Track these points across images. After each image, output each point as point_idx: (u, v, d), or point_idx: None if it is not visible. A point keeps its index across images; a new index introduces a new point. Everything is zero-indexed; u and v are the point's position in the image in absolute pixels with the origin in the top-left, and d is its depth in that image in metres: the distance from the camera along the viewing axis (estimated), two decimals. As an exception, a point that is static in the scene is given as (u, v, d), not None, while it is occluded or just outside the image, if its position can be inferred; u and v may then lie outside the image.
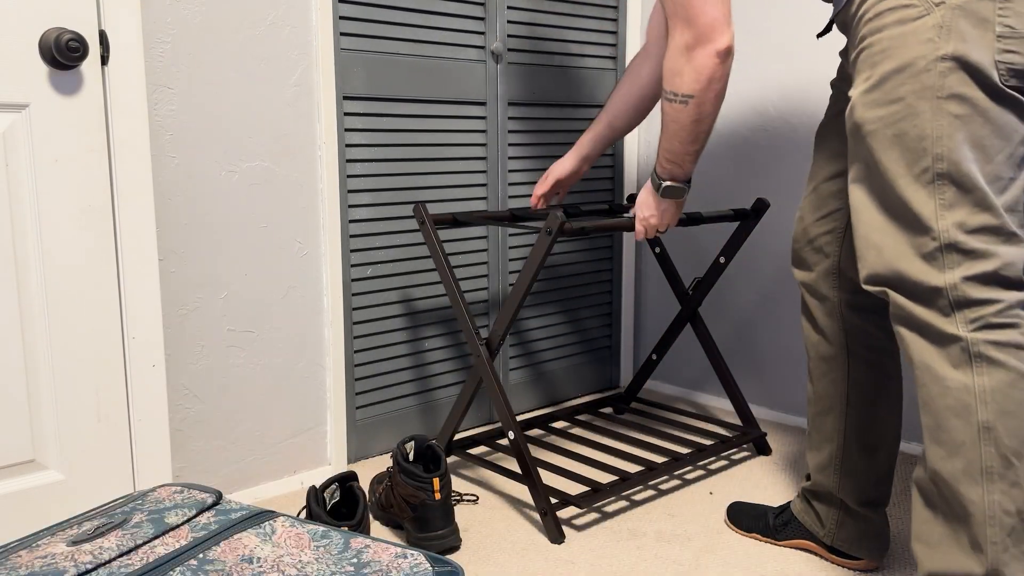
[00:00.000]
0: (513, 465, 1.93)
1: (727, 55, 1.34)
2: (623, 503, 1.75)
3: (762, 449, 2.01)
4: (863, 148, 1.16)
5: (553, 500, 1.67)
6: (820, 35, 1.43)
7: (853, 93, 1.17)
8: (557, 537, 1.58)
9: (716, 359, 2.07)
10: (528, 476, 1.63)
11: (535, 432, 2.14)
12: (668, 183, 1.52)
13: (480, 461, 1.82)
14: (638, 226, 1.62)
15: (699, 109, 1.38)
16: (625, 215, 1.93)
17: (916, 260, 1.11)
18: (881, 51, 1.12)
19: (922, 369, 1.11)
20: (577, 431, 2.17)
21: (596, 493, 1.66)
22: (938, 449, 1.10)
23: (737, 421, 2.24)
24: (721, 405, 2.38)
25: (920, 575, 1.14)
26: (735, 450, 2.01)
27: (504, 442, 1.97)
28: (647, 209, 1.59)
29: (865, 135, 1.15)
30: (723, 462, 1.96)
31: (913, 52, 1.09)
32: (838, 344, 1.42)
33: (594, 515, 1.70)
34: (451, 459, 1.98)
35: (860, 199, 1.18)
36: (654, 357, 2.20)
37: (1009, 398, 1.05)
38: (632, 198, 2.12)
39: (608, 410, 2.33)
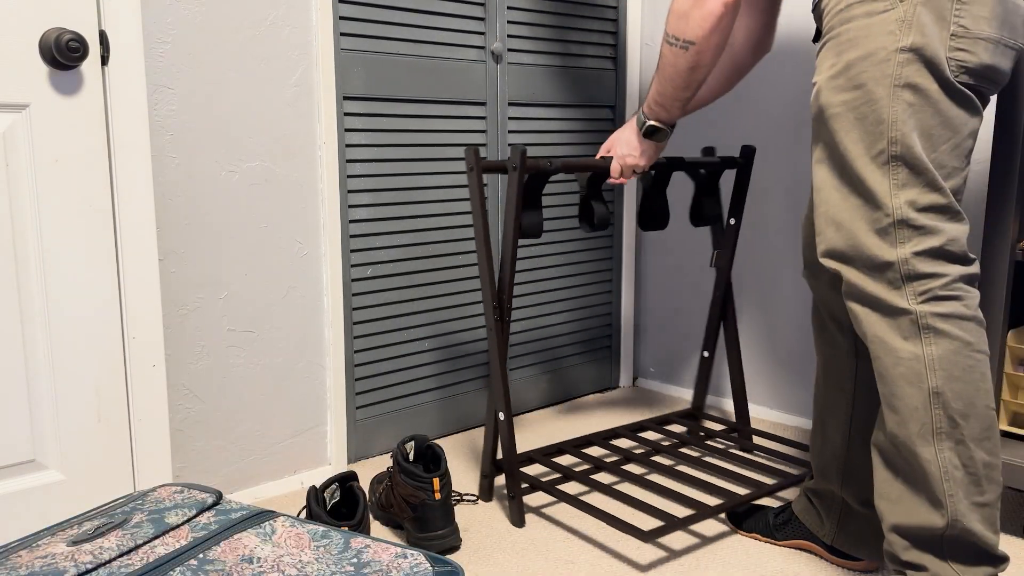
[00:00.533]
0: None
1: (735, 7, 1.38)
2: (623, 505, 1.75)
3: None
4: (826, 130, 1.24)
5: (524, 485, 1.70)
6: (815, 40, 1.43)
7: (819, 79, 1.24)
8: (518, 521, 1.64)
9: (734, 355, 2.04)
10: (506, 457, 1.66)
11: (596, 451, 2.01)
12: (652, 123, 1.55)
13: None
14: (615, 164, 1.63)
15: (698, 57, 1.41)
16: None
17: (871, 235, 1.19)
18: (848, 40, 1.20)
19: (876, 342, 1.20)
20: (659, 459, 1.98)
21: (568, 480, 1.73)
22: (894, 415, 1.19)
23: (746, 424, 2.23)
24: (720, 404, 2.38)
25: (885, 527, 1.23)
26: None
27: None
28: (626, 147, 1.61)
29: (828, 118, 1.22)
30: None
31: (876, 43, 1.17)
32: (846, 345, 1.42)
33: (594, 515, 1.69)
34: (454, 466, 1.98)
35: (822, 178, 1.25)
36: (706, 354, 2.08)
37: (955, 365, 1.15)
38: None
39: (681, 429, 2.17)
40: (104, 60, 1.47)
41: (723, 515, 1.69)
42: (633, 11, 2.37)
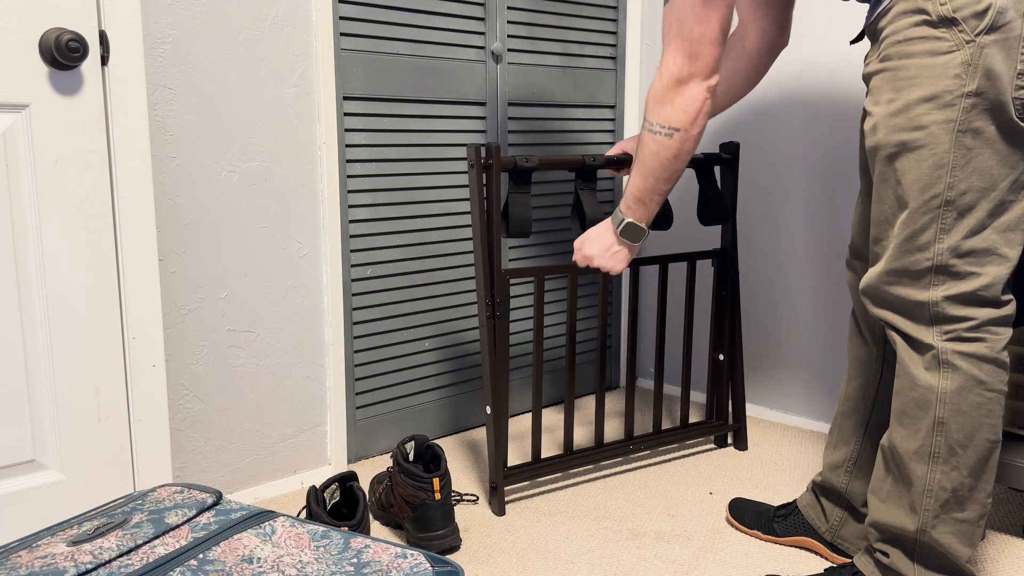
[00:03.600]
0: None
1: (715, 91, 1.40)
2: (624, 503, 1.75)
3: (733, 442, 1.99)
4: (882, 167, 1.25)
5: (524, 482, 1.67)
6: (853, 42, 1.43)
7: (875, 110, 1.24)
8: (499, 511, 1.67)
9: (737, 354, 2.01)
10: (493, 448, 1.68)
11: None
12: (631, 221, 1.46)
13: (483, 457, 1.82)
14: (576, 255, 1.55)
15: (682, 144, 1.38)
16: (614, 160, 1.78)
17: (906, 276, 1.24)
18: (908, 78, 1.19)
19: (900, 364, 1.28)
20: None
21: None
22: (901, 429, 1.28)
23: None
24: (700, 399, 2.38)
25: (868, 519, 1.34)
26: (721, 446, 2.01)
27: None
28: (598, 247, 1.51)
29: (886, 156, 1.23)
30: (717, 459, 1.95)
31: (940, 86, 1.17)
32: (875, 350, 1.44)
33: (594, 515, 1.70)
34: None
35: (875, 211, 1.28)
36: (720, 357, 2.00)
37: (964, 400, 1.22)
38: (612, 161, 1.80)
39: (711, 445, 2.08)
40: (104, 60, 1.47)
41: (726, 510, 1.69)
42: (633, 11, 2.37)
